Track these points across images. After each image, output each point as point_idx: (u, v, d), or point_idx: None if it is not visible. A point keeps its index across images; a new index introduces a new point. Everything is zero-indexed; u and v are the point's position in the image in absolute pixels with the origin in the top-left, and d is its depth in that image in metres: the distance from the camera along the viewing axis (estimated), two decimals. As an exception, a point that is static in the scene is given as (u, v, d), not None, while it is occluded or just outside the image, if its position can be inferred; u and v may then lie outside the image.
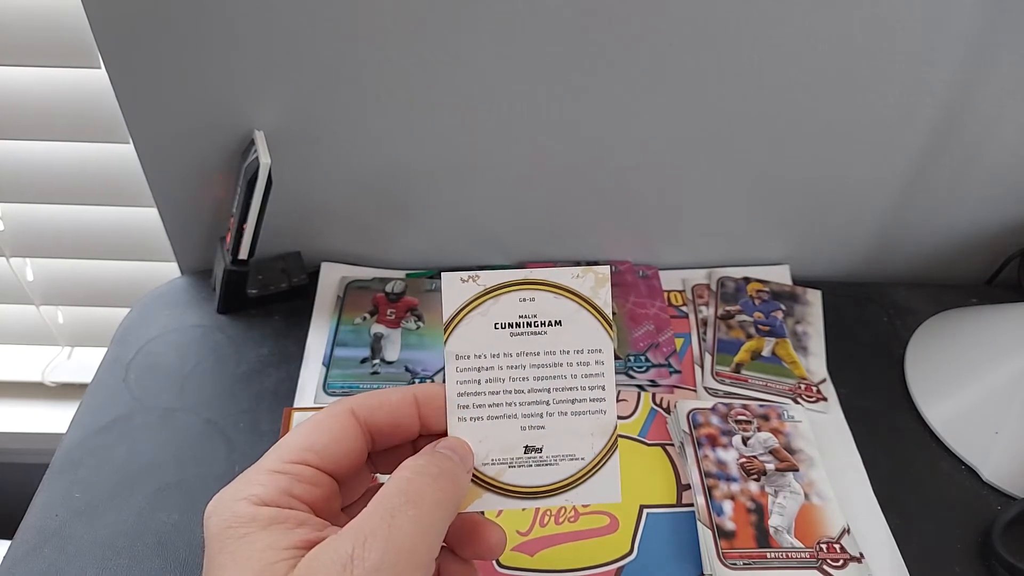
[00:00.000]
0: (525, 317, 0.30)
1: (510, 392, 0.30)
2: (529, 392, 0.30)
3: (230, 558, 0.24)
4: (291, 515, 0.25)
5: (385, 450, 0.31)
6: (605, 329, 0.30)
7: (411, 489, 0.26)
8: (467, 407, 0.30)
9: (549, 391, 0.30)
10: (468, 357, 0.30)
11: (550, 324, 0.30)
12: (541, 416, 0.30)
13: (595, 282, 0.30)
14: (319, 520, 0.26)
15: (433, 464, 0.27)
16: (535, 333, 0.30)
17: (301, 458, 0.27)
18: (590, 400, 0.30)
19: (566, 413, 0.30)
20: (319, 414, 0.29)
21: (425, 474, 0.27)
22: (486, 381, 0.30)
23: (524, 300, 0.30)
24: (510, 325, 0.30)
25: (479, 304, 0.30)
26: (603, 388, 0.30)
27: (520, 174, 0.51)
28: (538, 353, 0.30)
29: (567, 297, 0.30)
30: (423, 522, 0.25)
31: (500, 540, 0.30)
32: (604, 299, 0.31)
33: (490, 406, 0.30)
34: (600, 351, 0.30)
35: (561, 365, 0.30)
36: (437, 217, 0.53)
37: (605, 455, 0.30)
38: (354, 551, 0.23)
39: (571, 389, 0.30)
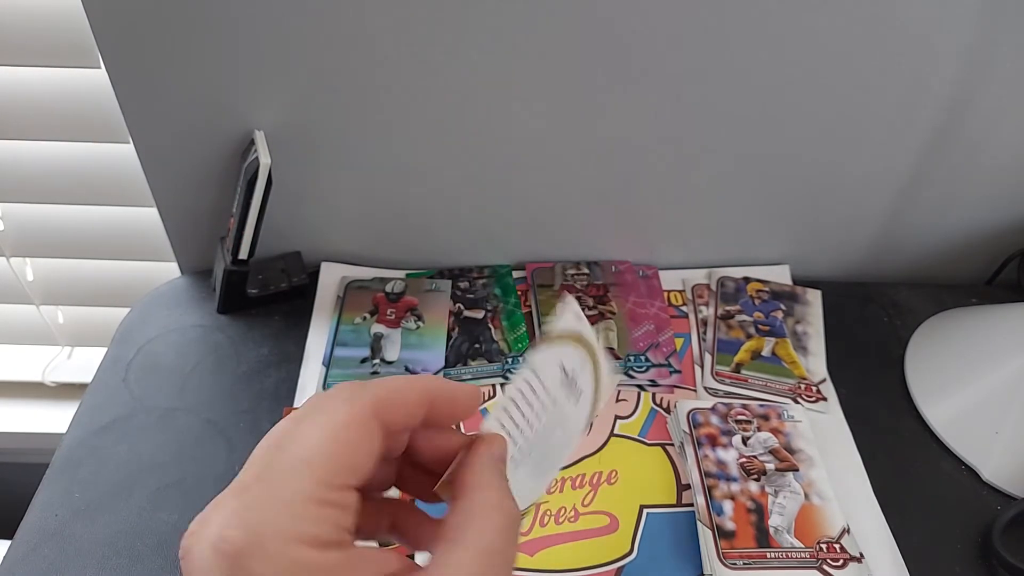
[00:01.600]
0: (570, 376, 0.30)
1: (529, 423, 0.30)
2: (534, 433, 0.30)
3: None
4: (365, 562, 0.21)
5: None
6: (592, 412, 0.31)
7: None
8: (505, 414, 0.30)
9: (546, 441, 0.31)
10: (534, 375, 0.30)
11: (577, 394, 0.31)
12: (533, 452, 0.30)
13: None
14: (401, 563, 0.22)
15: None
16: (568, 396, 0.30)
17: (346, 481, 0.22)
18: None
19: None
20: (340, 417, 0.23)
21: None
22: (524, 402, 0.30)
23: (581, 361, 0.30)
24: (565, 372, 0.30)
25: (568, 342, 0.30)
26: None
27: (520, 174, 0.51)
28: (552, 407, 0.30)
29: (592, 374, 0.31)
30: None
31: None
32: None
33: (515, 424, 0.30)
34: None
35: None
36: (437, 217, 0.53)
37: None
38: None
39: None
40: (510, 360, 0.50)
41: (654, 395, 0.48)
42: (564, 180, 0.51)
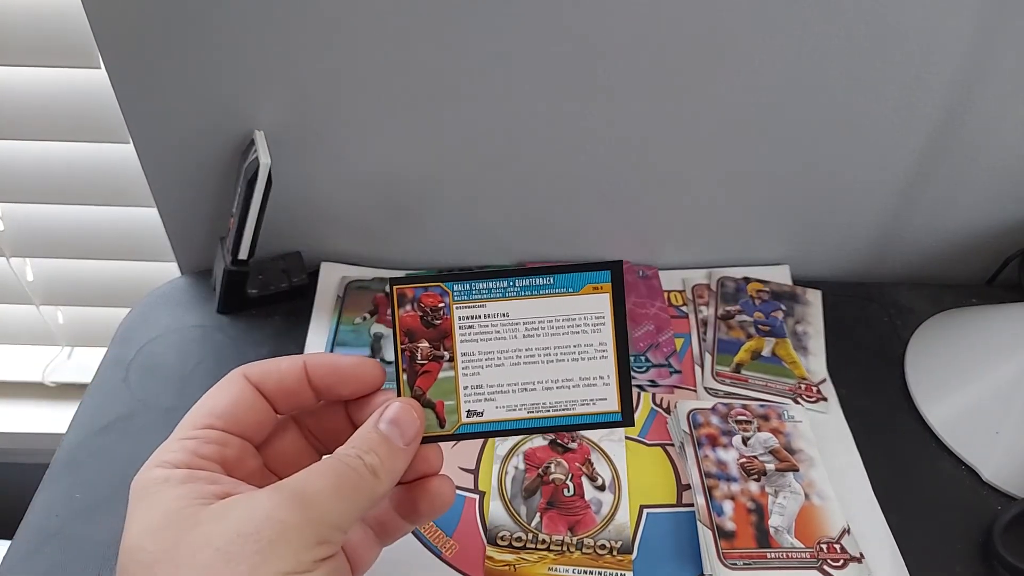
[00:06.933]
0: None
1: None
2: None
3: (143, 507, 0.26)
4: (204, 475, 0.27)
5: (319, 420, 0.33)
6: None
7: (340, 471, 0.28)
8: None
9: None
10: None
11: None
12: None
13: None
14: (232, 480, 0.28)
15: (363, 460, 0.28)
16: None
17: (205, 423, 0.30)
18: None
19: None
20: (219, 382, 0.31)
21: (354, 466, 0.28)
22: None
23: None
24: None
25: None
26: None
27: (520, 174, 0.51)
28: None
29: None
30: (339, 503, 0.27)
31: (448, 491, 0.32)
32: None
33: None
34: None
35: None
36: (437, 217, 0.53)
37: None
38: (271, 508, 0.25)
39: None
40: (510, 360, 0.50)
41: (654, 395, 0.48)
42: (564, 180, 0.51)
